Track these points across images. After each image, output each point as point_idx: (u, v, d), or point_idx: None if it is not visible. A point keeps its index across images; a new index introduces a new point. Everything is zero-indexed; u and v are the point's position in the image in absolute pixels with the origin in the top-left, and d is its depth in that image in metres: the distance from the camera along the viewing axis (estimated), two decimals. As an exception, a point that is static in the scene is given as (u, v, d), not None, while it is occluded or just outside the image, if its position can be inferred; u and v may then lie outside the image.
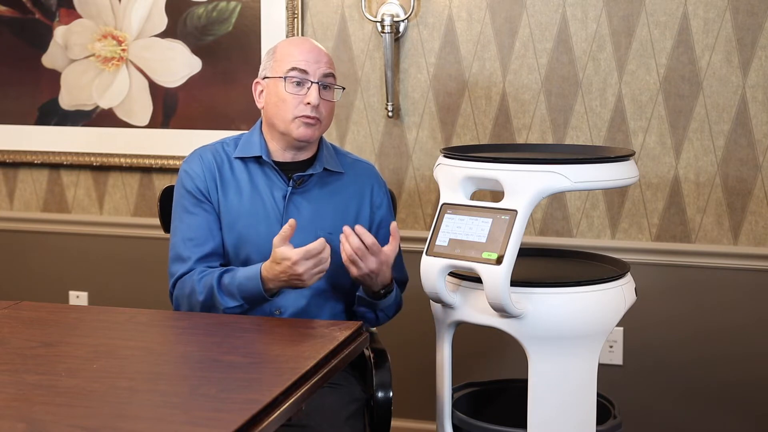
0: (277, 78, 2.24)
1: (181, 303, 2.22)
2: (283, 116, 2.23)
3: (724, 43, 2.88)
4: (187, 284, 2.20)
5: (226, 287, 2.15)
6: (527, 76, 3.03)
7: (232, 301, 2.14)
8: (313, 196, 2.28)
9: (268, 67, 2.28)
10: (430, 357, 2.49)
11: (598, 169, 2.18)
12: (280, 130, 2.24)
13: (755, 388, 2.94)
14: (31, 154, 3.50)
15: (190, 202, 2.26)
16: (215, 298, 2.14)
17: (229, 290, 2.14)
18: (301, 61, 2.23)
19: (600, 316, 2.24)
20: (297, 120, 2.22)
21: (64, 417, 1.49)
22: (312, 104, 2.21)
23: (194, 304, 2.18)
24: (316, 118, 2.23)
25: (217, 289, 2.14)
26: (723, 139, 2.91)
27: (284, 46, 2.29)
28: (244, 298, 2.13)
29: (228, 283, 2.15)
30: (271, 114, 2.25)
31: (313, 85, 2.22)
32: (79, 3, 3.39)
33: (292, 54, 2.25)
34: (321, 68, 2.24)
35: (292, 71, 2.22)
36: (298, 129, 2.22)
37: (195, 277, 2.19)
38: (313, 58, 2.24)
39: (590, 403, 2.27)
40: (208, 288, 2.15)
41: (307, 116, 2.21)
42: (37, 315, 2.08)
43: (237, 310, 2.15)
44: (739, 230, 2.93)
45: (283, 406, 1.57)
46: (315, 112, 2.22)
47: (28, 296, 3.41)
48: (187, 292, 2.19)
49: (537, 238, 3.06)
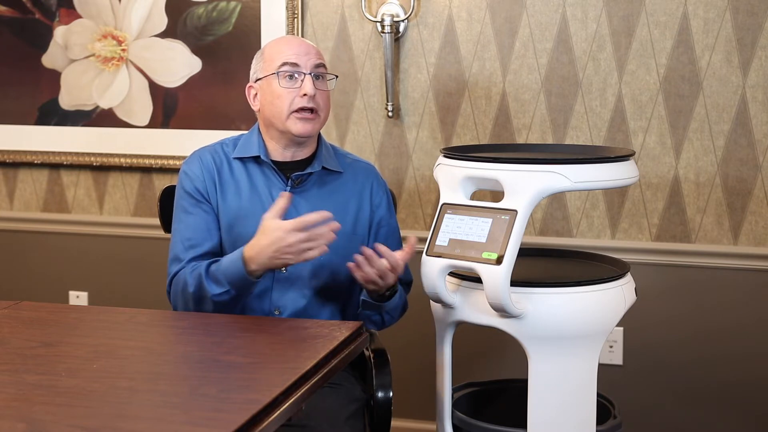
0: (270, 76, 2.24)
1: (177, 300, 2.22)
2: (279, 113, 2.22)
3: (724, 43, 2.88)
4: (180, 280, 2.19)
5: (213, 274, 2.13)
6: (527, 76, 3.03)
7: (218, 288, 2.11)
8: (312, 196, 2.28)
9: (259, 69, 2.29)
10: (430, 357, 2.49)
11: (598, 169, 2.19)
12: (279, 128, 2.24)
13: (755, 388, 2.94)
14: (31, 154, 3.50)
15: (188, 202, 2.27)
16: (203, 287, 2.13)
17: (215, 276, 2.13)
18: (291, 55, 2.23)
19: (600, 316, 2.24)
20: (293, 115, 2.22)
21: (64, 417, 1.49)
22: (308, 94, 2.21)
23: (187, 298, 2.17)
24: (314, 111, 2.23)
25: (205, 276, 2.13)
26: (723, 139, 2.91)
27: (271, 45, 2.30)
28: (230, 283, 2.10)
29: (214, 270, 2.13)
30: (268, 113, 2.25)
31: (306, 76, 2.22)
32: (79, 3, 3.39)
33: (280, 50, 2.25)
34: (311, 59, 2.25)
35: (284, 66, 2.23)
36: (296, 125, 2.22)
37: (187, 272, 2.18)
38: (303, 51, 2.25)
39: (590, 403, 2.27)
40: (197, 278, 2.14)
41: (303, 108, 2.21)
42: (37, 315, 2.08)
43: (225, 297, 2.12)
44: (739, 230, 2.93)
45: (283, 406, 1.57)
46: (312, 103, 2.22)
47: (28, 296, 3.40)
48: (180, 287, 2.19)
49: (537, 238, 3.06)
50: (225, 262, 2.13)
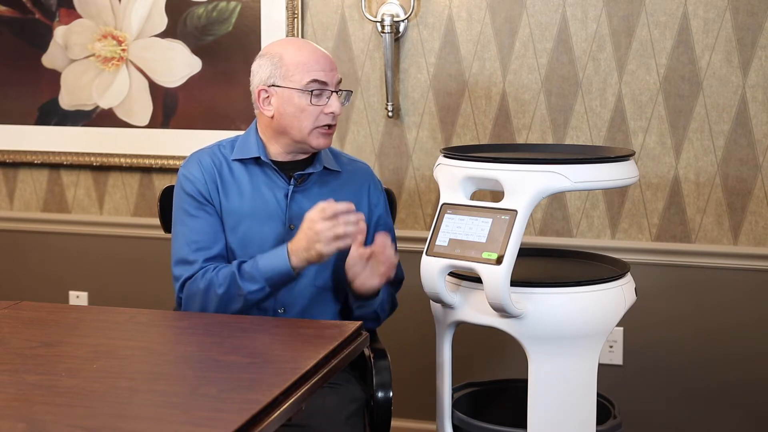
0: (294, 89, 2.21)
1: (194, 302, 2.20)
2: (301, 127, 2.22)
3: (724, 43, 2.88)
4: (200, 281, 2.18)
5: (246, 272, 2.15)
6: (527, 76, 3.03)
7: (254, 284, 2.13)
8: (314, 195, 2.28)
9: (278, 76, 2.22)
10: (430, 357, 2.49)
11: (598, 169, 2.19)
12: (296, 139, 2.24)
13: (755, 388, 2.94)
14: (31, 154, 3.50)
15: (191, 205, 2.26)
16: (236, 285, 2.14)
17: (251, 274, 2.14)
18: (320, 72, 2.21)
19: (600, 316, 2.24)
20: (316, 130, 2.23)
21: (64, 417, 1.49)
22: (335, 113, 2.23)
23: (211, 299, 2.16)
24: (334, 126, 2.26)
25: (239, 275, 2.14)
26: (723, 139, 2.91)
27: (294, 54, 2.23)
28: (267, 279, 2.12)
29: (248, 268, 2.15)
30: (286, 123, 2.23)
31: (333, 94, 2.23)
32: (79, 3, 3.39)
33: (307, 64, 2.21)
34: (336, 76, 2.25)
35: (313, 83, 2.21)
36: (317, 139, 2.23)
37: (209, 274, 2.18)
38: (329, 67, 2.24)
39: (590, 403, 2.27)
40: (228, 277, 2.15)
41: (328, 125, 2.23)
42: (37, 315, 2.08)
43: (259, 295, 2.14)
44: (739, 230, 2.93)
45: (283, 406, 1.57)
46: (335, 120, 2.24)
47: (28, 296, 3.41)
48: (202, 288, 2.17)
49: (537, 238, 3.06)
50: (263, 259, 2.14)
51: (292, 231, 2.24)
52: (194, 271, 2.21)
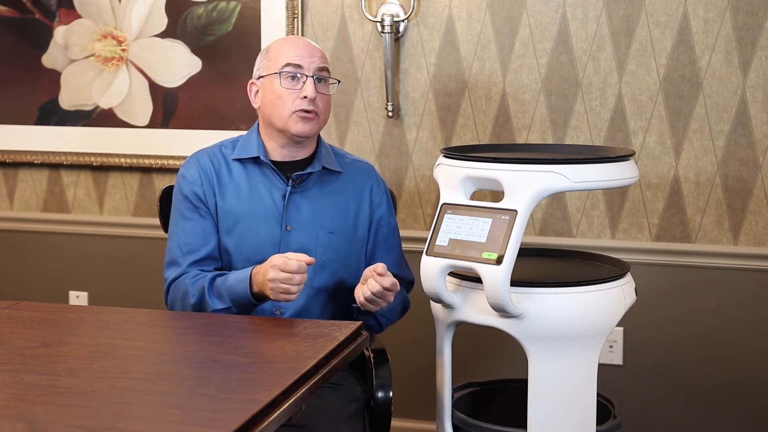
0: (272, 75, 2.24)
1: (175, 306, 2.23)
2: (280, 112, 2.23)
3: (724, 43, 2.88)
4: (180, 287, 2.21)
5: (216, 288, 2.16)
6: (527, 76, 3.03)
7: (220, 303, 2.15)
8: (313, 195, 2.28)
9: (262, 67, 2.29)
10: (430, 357, 2.49)
11: (598, 169, 2.19)
12: (279, 127, 2.24)
13: (755, 388, 2.94)
14: (31, 154, 3.50)
15: (186, 207, 2.27)
16: (205, 300, 2.15)
17: (219, 291, 2.15)
18: (295, 56, 2.24)
19: (600, 316, 2.24)
20: (295, 115, 2.22)
21: (64, 417, 1.49)
22: (309, 97, 2.21)
23: (186, 307, 2.19)
24: (313, 112, 2.23)
25: (208, 290, 2.16)
26: (723, 139, 2.91)
27: (277, 44, 2.30)
28: (232, 300, 2.14)
29: (219, 285, 2.16)
30: (269, 112, 2.26)
31: (308, 78, 2.23)
32: (79, 3, 3.39)
33: (285, 51, 2.26)
34: (315, 62, 2.25)
35: (287, 66, 2.23)
36: (296, 124, 2.23)
37: (188, 281, 2.20)
38: (307, 53, 2.25)
39: (590, 403, 2.27)
40: (199, 290, 2.17)
41: (304, 110, 2.22)
42: (37, 315, 2.08)
43: (226, 312, 2.15)
44: (739, 230, 2.93)
45: (283, 406, 1.57)
46: (312, 106, 2.22)
47: (28, 296, 3.41)
48: (180, 294, 2.20)
49: (537, 238, 3.06)
50: (231, 278, 2.15)
51: (288, 232, 2.24)
52: (179, 273, 2.23)
